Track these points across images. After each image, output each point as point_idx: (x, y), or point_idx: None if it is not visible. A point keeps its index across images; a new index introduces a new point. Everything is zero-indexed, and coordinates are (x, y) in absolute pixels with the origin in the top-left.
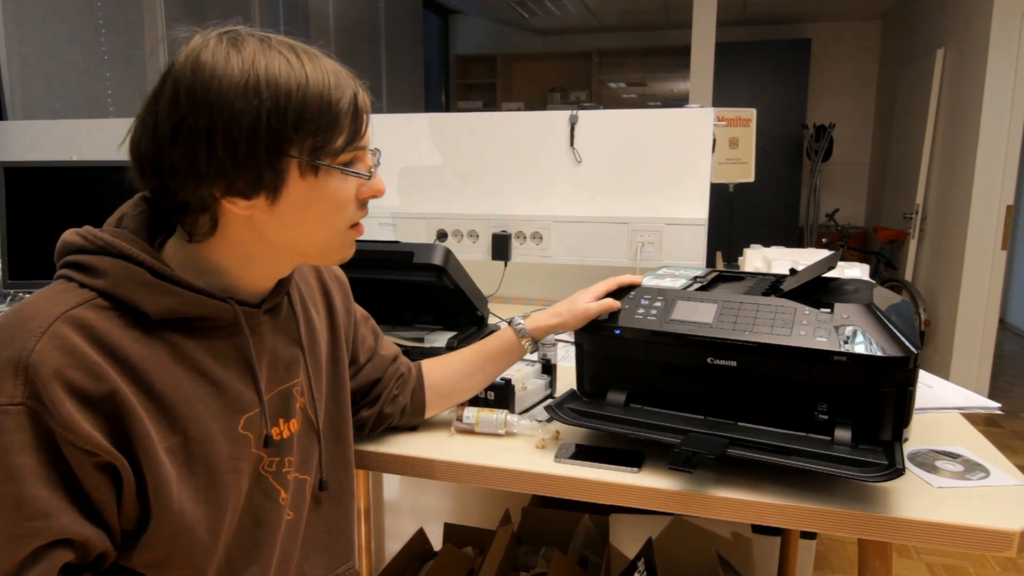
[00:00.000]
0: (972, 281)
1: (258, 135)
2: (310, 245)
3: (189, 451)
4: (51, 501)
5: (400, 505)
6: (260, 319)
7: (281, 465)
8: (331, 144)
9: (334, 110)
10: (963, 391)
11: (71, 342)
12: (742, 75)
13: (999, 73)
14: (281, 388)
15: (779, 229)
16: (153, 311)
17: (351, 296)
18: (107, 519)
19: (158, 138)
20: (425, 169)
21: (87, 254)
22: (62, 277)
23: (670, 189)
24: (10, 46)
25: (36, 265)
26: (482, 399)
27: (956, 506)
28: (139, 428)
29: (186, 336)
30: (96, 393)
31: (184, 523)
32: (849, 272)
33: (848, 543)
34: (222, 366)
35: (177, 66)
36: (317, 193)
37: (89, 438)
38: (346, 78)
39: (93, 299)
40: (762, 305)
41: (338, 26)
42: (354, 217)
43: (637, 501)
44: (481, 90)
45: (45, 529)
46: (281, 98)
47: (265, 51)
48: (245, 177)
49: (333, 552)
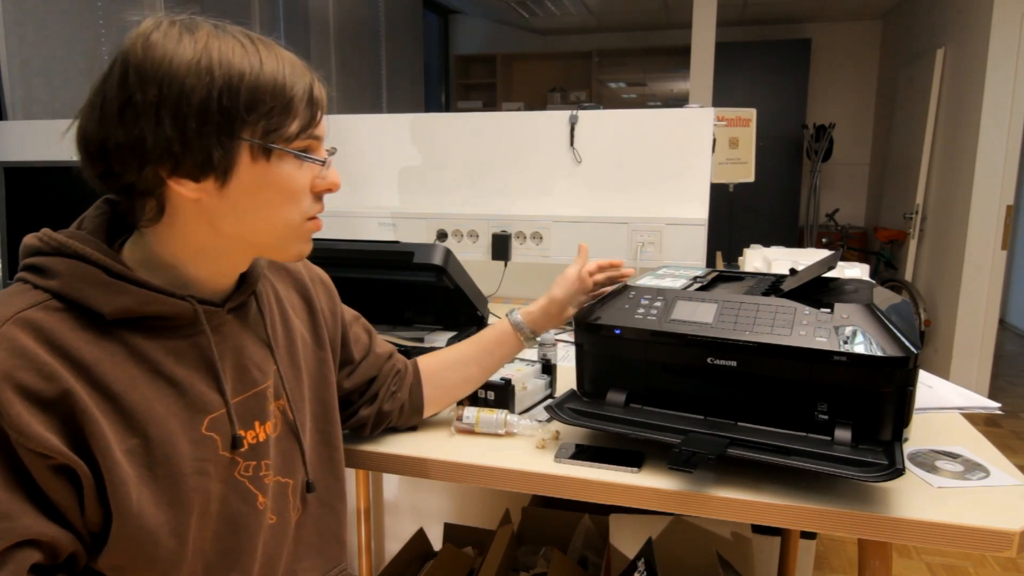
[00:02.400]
0: (972, 281)
1: (209, 113)
2: (262, 236)
3: (150, 453)
4: (12, 503)
5: (400, 505)
6: (224, 318)
7: (258, 469)
8: (284, 128)
9: (288, 94)
10: (963, 391)
11: (21, 344)
12: (742, 75)
13: (999, 73)
14: (255, 390)
15: (779, 229)
16: (108, 311)
17: (337, 297)
18: (71, 521)
19: (104, 118)
20: (425, 169)
21: (43, 256)
22: (19, 280)
23: (670, 189)
24: (10, 46)
25: None
26: (482, 399)
27: (956, 506)
28: (95, 429)
29: (145, 336)
30: (48, 394)
31: (144, 526)
32: (849, 272)
33: (848, 543)
34: (183, 366)
35: (126, 46)
36: (269, 179)
37: (41, 440)
38: (301, 68)
39: (46, 300)
40: (762, 305)
41: (338, 26)
42: (309, 210)
43: (637, 501)
44: (481, 90)
45: (9, 530)
46: (234, 78)
47: (219, 35)
48: (194, 156)
49: (324, 555)
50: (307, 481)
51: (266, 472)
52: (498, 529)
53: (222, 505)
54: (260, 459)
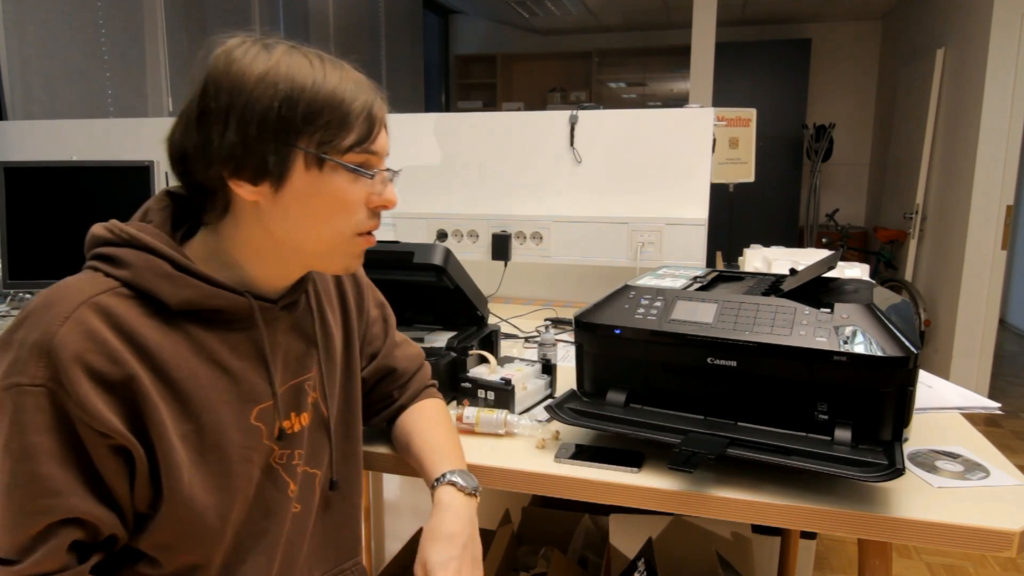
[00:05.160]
0: (972, 281)
1: (268, 121)
2: (312, 244)
3: (202, 439)
4: (64, 480)
5: (400, 505)
6: (276, 314)
7: (291, 457)
8: (339, 141)
9: (345, 108)
10: (963, 391)
11: (93, 327)
12: (742, 75)
13: (999, 73)
14: (294, 382)
15: (779, 229)
16: (173, 302)
17: (366, 292)
18: (119, 501)
19: (186, 124)
20: (425, 169)
21: (113, 246)
22: (90, 268)
23: (670, 189)
24: (10, 46)
25: (36, 265)
26: (482, 399)
27: (956, 506)
28: (154, 414)
29: (204, 327)
30: (114, 377)
31: (194, 508)
32: (849, 272)
33: (848, 543)
34: (237, 357)
35: (211, 60)
36: (320, 187)
37: (105, 420)
38: (366, 86)
39: (117, 288)
40: (762, 305)
41: (338, 26)
42: (361, 224)
43: (637, 501)
44: (481, 90)
45: (57, 507)
46: (295, 90)
47: (292, 53)
48: (251, 160)
49: (340, 547)
50: (332, 480)
51: (298, 462)
52: (498, 529)
53: (258, 490)
54: (294, 448)
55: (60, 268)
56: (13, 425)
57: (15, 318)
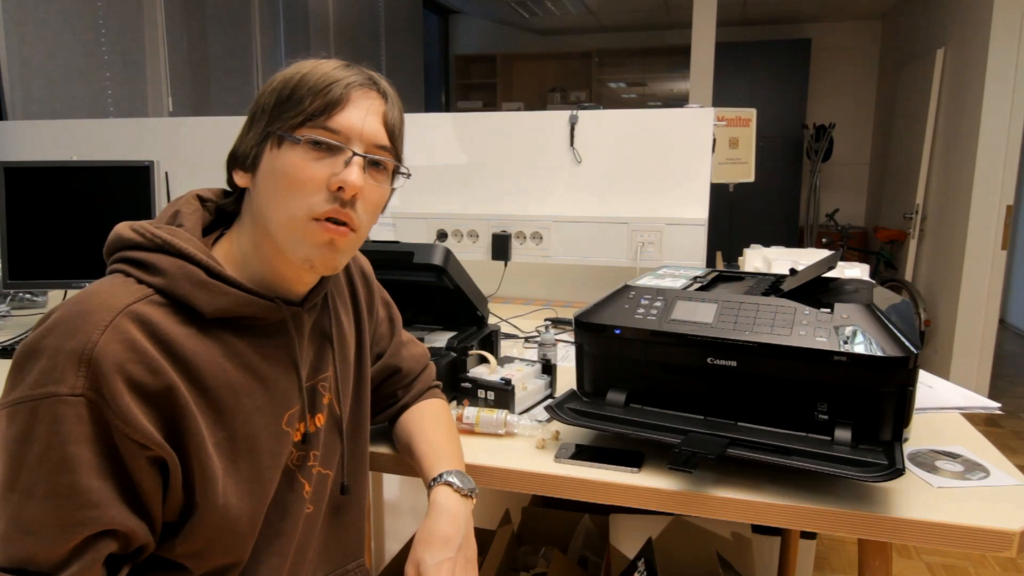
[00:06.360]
0: (972, 281)
1: (255, 112)
2: (274, 228)
3: (235, 446)
4: (103, 492)
5: (400, 505)
6: (303, 318)
7: (306, 459)
8: (293, 116)
9: (304, 85)
10: (963, 391)
11: (133, 337)
12: (742, 75)
13: (999, 73)
14: (312, 383)
15: (779, 229)
16: (208, 310)
17: (375, 290)
18: (152, 511)
19: None
20: (425, 169)
21: (144, 251)
22: (118, 272)
23: (670, 189)
24: (10, 46)
25: (36, 265)
26: (482, 399)
27: (956, 506)
28: (191, 424)
29: (236, 334)
30: (154, 388)
31: (228, 516)
32: (849, 272)
33: (848, 543)
34: (269, 363)
35: None
36: (278, 164)
37: (145, 431)
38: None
39: (152, 295)
40: (762, 305)
41: (338, 26)
42: (315, 207)
43: (637, 501)
44: (481, 90)
45: (96, 519)
46: (278, 82)
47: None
48: (243, 148)
49: (346, 548)
50: (343, 483)
51: (313, 462)
52: (498, 529)
53: (277, 490)
54: (310, 449)
55: (60, 268)
56: (51, 435)
57: (40, 324)
